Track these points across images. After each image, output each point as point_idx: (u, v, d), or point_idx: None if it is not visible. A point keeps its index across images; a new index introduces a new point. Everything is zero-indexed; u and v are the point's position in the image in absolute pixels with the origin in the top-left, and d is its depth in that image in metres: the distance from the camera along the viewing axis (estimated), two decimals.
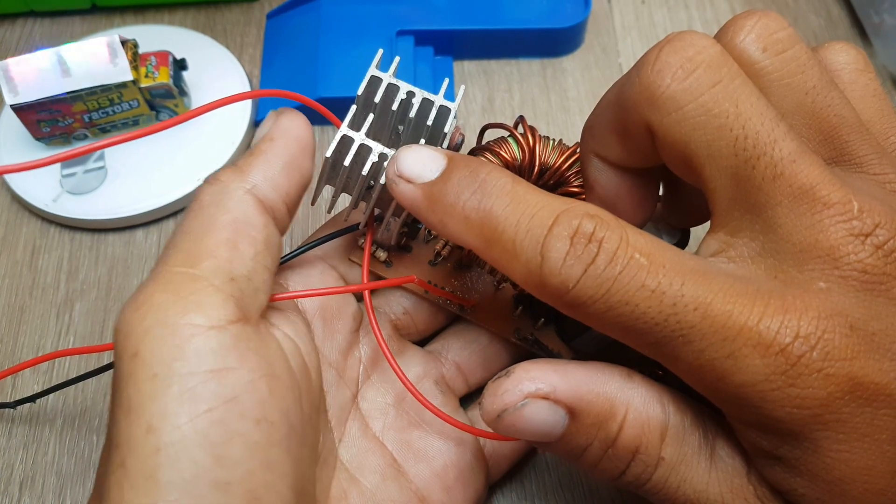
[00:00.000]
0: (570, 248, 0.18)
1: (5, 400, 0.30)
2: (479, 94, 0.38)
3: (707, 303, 0.17)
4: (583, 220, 0.18)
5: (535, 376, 0.19)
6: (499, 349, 0.29)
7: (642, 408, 0.19)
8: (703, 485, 0.19)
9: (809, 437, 0.17)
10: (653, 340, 0.17)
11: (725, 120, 0.18)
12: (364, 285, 0.25)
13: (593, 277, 0.17)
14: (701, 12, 0.41)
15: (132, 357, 0.18)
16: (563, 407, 0.19)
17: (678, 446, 0.19)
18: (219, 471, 0.18)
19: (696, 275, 0.17)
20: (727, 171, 0.18)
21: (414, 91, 0.24)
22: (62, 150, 0.34)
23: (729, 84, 0.18)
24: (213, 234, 0.20)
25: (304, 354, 0.22)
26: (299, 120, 0.23)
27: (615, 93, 0.20)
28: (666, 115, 0.18)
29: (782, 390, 0.16)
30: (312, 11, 0.38)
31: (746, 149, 0.18)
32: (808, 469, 0.17)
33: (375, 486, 0.24)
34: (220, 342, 0.19)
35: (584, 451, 0.19)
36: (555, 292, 0.18)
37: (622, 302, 0.17)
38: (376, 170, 0.23)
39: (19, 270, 0.33)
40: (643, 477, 0.19)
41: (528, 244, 0.18)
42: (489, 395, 0.19)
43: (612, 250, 0.17)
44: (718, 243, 0.19)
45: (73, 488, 0.29)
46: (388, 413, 0.26)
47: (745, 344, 0.16)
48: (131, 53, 0.33)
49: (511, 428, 0.19)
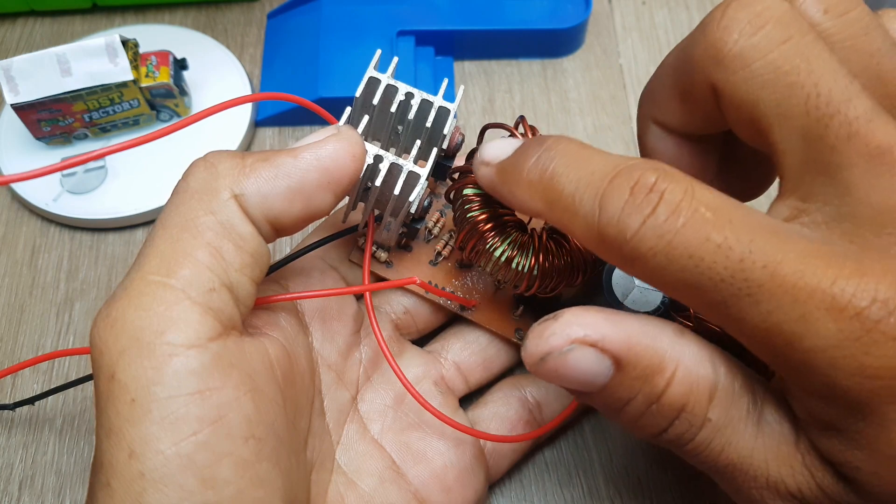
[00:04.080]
0: (629, 198, 0.17)
1: (4, 400, 0.30)
2: (480, 95, 0.38)
3: (777, 261, 0.16)
4: (645, 171, 0.17)
5: (584, 322, 0.18)
6: (499, 349, 0.29)
7: (693, 366, 0.18)
8: (748, 450, 0.18)
9: (877, 410, 0.16)
10: (717, 299, 0.16)
11: (797, 77, 0.17)
12: (365, 287, 0.25)
13: (653, 228, 0.16)
14: (701, 13, 0.41)
15: (109, 379, 0.18)
16: (610, 357, 0.18)
17: (726, 409, 0.18)
18: (207, 493, 0.17)
19: (766, 232, 0.16)
20: (798, 132, 0.17)
21: (413, 92, 0.24)
22: (62, 149, 0.34)
23: (800, 40, 0.17)
24: (192, 235, 0.19)
25: (291, 358, 0.22)
26: (345, 154, 0.21)
27: (677, 54, 0.20)
28: (733, 73, 0.18)
29: (854, 358, 0.15)
30: (313, 11, 0.38)
31: (819, 107, 0.17)
32: (869, 443, 0.16)
33: (373, 490, 0.24)
34: (201, 362, 0.18)
35: (626, 405, 0.18)
36: (613, 244, 0.17)
37: (685, 255, 0.16)
38: (373, 171, 0.23)
39: (19, 270, 0.33)
40: (686, 437, 0.18)
41: (588, 197, 0.17)
42: (534, 336, 0.18)
43: (675, 202, 0.16)
44: (789, 209, 0.18)
45: (72, 488, 0.29)
46: (387, 415, 0.26)
47: (816, 307, 0.15)
48: (132, 53, 0.33)
49: (553, 373, 0.18)
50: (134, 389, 0.17)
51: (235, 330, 0.20)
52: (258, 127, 0.37)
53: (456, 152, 0.25)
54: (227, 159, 0.20)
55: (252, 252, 0.20)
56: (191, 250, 0.19)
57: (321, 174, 0.20)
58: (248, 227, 0.20)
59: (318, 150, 0.21)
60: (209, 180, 0.20)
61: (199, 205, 0.20)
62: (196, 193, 0.20)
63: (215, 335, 0.19)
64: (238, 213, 0.20)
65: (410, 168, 0.23)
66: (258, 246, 0.20)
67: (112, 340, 0.18)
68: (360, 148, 0.21)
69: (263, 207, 0.20)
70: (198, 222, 0.19)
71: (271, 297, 0.23)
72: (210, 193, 0.20)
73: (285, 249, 0.34)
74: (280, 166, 0.20)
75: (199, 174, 0.20)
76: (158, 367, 0.18)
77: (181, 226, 0.19)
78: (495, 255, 0.24)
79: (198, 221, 0.19)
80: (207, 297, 0.19)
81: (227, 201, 0.20)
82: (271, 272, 0.25)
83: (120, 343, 0.18)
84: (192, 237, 0.19)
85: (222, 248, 0.19)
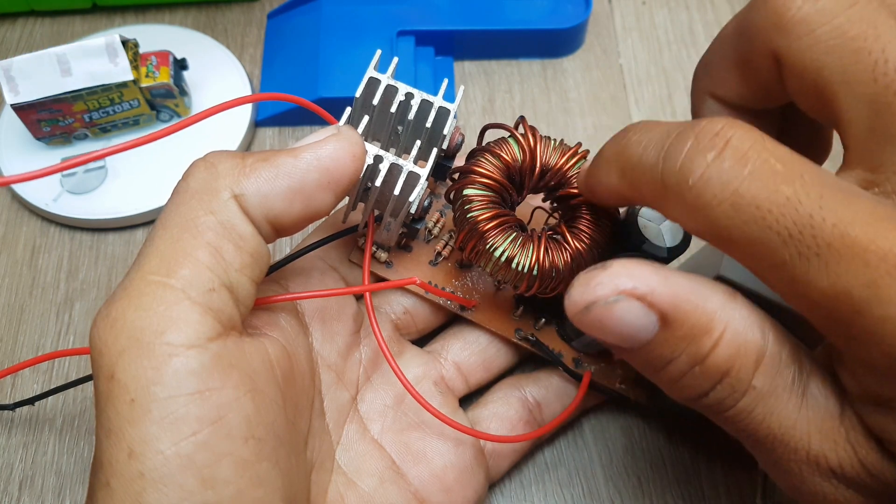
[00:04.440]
0: (692, 142, 0.16)
1: (4, 400, 0.30)
2: (480, 95, 0.38)
3: (848, 221, 0.15)
4: (712, 120, 0.16)
5: (634, 273, 0.17)
6: (498, 349, 0.29)
7: (742, 329, 0.17)
8: (791, 421, 0.17)
9: None
10: (781, 259, 0.15)
11: (864, 43, 0.16)
12: (365, 287, 0.25)
13: (719, 172, 0.16)
14: (702, 14, 0.41)
15: (109, 379, 0.18)
16: (657, 312, 0.17)
17: (772, 377, 0.17)
18: (207, 493, 0.17)
19: (837, 191, 0.15)
20: (865, 99, 0.17)
21: (413, 92, 0.24)
22: (63, 149, 0.34)
23: (866, 6, 0.17)
24: (192, 235, 0.19)
25: (291, 359, 0.22)
26: (345, 154, 0.21)
27: (736, 24, 0.19)
28: (796, 39, 0.17)
29: None
30: (313, 11, 0.38)
31: (888, 73, 0.16)
32: None
33: (373, 490, 0.24)
34: (200, 362, 0.18)
35: (669, 364, 0.18)
36: (676, 191, 0.16)
37: (752, 205, 0.15)
38: (373, 171, 0.23)
39: (19, 270, 0.33)
40: (727, 402, 0.18)
41: (653, 151, 0.17)
42: (579, 284, 0.18)
43: (743, 149, 0.16)
44: (857, 179, 0.17)
45: (72, 488, 0.29)
46: (387, 415, 0.26)
47: (889, 272, 0.15)
48: (132, 53, 0.33)
49: (596, 323, 0.18)
50: (133, 389, 0.17)
51: (235, 330, 0.20)
52: (258, 127, 0.37)
53: (456, 152, 0.25)
54: (227, 159, 0.20)
55: (252, 252, 0.20)
56: (191, 250, 0.19)
57: (321, 174, 0.20)
58: (248, 227, 0.20)
59: (318, 150, 0.21)
60: (209, 180, 0.20)
61: (200, 205, 0.20)
62: (196, 193, 0.20)
63: (215, 335, 0.19)
64: (238, 213, 0.20)
65: (410, 168, 0.23)
66: (258, 246, 0.20)
67: (112, 340, 0.18)
68: (360, 148, 0.21)
69: (263, 207, 0.20)
70: (198, 222, 0.19)
71: (271, 297, 0.23)
72: (210, 193, 0.20)
73: (285, 249, 0.34)
74: (280, 166, 0.20)
75: (199, 174, 0.20)
76: (158, 367, 0.18)
77: (181, 226, 0.19)
78: (495, 256, 0.24)
79: (198, 221, 0.19)
80: (207, 298, 0.19)
81: (228, 201, 0.20)
82: (271, 272, 0.25)
83: (119, 343, 0.18)
84: (193, 237, 0.19)
85: (222, 248, 0.19)
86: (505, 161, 0.24)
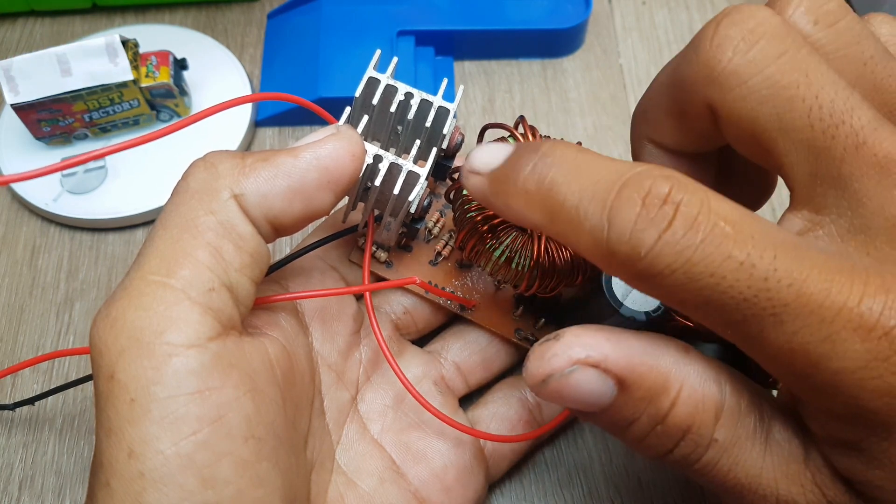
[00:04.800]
0: (641, 211, 0.16)
1: (4, 400, 0.30)
2: (480, 95, 0.38)
3: (802, 279, 0.15)
4: (656, 180, 0.16)
5: (586, 342, 0.17)
6: (498, 349, 0.28)
7: (698, 385, 0.17)
8: (757, 469, 0.17)
9: None
10: (738, 318, 0.16)
11: (796, 91, 0.17)
12: (365, 286, 0.25)
13: (670, 244, 0.15)
14: (702, 14, 0.41)
15: (109, 379, 0.18)
16: (613, 377, 0.17)
17: (733, 428, 0.17)
18: (207, 493, 0.17)
19: (789, 248, 0.15)
20: (803, 145, 0.17)
21: (412, 92, 0.24)
22: (62, 149, 0.34)
23: (796, 54, 0.17)
24: (192, 236, 0.19)
25: (291, 358, 0.22)
26: (345, 153, 0.21)
27: (669, 73, 0.19)
28: (729, 91, 0.17)
29: (883, 378, 0.15)
30: (313, 11, 0.38)
31: (823, 119, 0.16)
32: (893, 462, 0.16)
33: (373, 489, 0.24)
34: (200, 362, 0.18)
35: (631, 425, 0.18)
36: (625, 261, 0.16)
37: (706, 273, 0.15)
38: (373, 171, 0.23)
39: (19, 270, 0.33)
40: (692, 457, 0.18)
41: (594, 210, 0.16)
42: (535, 357, 0.18)
43: (693, 215, 0.15)
44: (803, 221, 0.17)
45: (72, 488, 0.29)
46: (387, 415, 0.26)
47: (844, 326, 0.15)
48: (132, 53, 0.33)
49: (555, 394, 0.18)
50: (133, 389, 0.18)
51: (235, 330, 0.20)
52: (258, 127, 0.37)
53: (456, 152, 0.25)
54: (226, 159, 0.20)
55: (252, 252, 0.20)
56: (191, 250, 0.19)
57: (321, 173, 0.20)
58: (248, 227, 0.20)
59: (317, 150, 0.21)
60: (209, 180, 0.20)
61: (199, 205, 0.20)
62: (196, 194, 0.20)
63: (215, 335, 0.19)
64: (238, 212, 0.20)
65: (410, 168, 0.23)
66: (258, 246, 0.20)
67: (112, 340, 0.18)
68: (359, 147, 0.21)
69: (263, 207, 0.20)
70: (198, 222, 0.19)
71: (271, 297, 0.23)
72: (210, 193, 0.20)
73: (285, 249, 0.34)
74: (280, 166, 0.20)
75: (198, 174, 0.20)
76: (158, 366, 0.18)
77: (181, 226, 0.19)
78: (495, 255, 0.24)
79: (198, 221, 0.19)
80: (207, 297, 0.19)
81: (227, 201, 0.20)
82: (271, 272, 0.25)
83: (119, 343, 0.18)
84: (192, 237, 0.19)
85: (222, 248, 0.19)
86: None
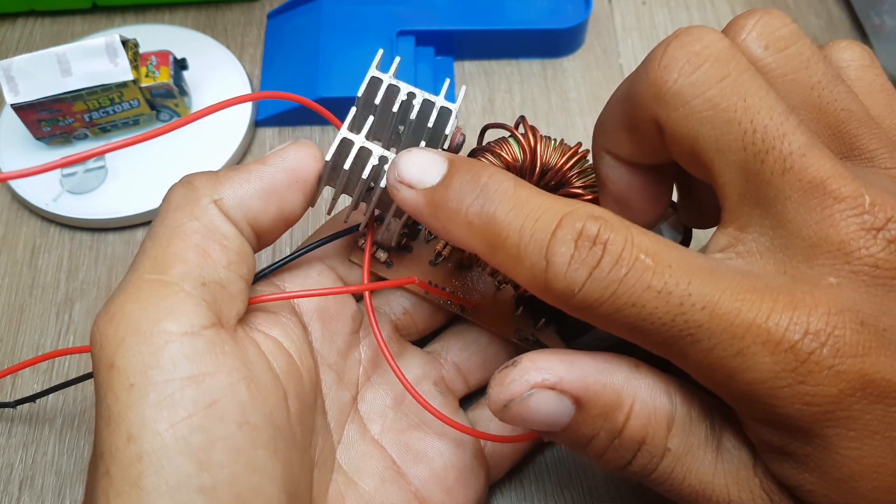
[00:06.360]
0: (574, 252, 0.17)
1: (5, 399, 0.30)
2: (480, 95, 0.38)
3: (714, 301, 0.17)
4: (587, 222, 0.18)
5: (541, 366, 0.19)
6: (498, 350, 0.29)
7: (649, 398, 0.19)
8: (709, 476, 0.19)
9: (820, 434, 0.17)
10: (661, 340, 0.17)
11: (733, 114, 0.18)
12: (365, 286, 0.25)
13: (599, 280, 0.17)
14: (702, 13, 0.41)
15: (109, 368, 0.19)
16: (570, 397, 0.19)
17: (684, 437, 0.19)
18: (203, 476, 0.18)
19: (703, 273, 0.17)
20: (736, 166, 0.18)
21: (415, 92, 0.24)
22: (62, 149, 0.34)
23: (737, 78, 0.18)
24: (181, 239, 0.20)
25: (293, 356, 0.22)
26: (306, 154, 0.23)
27: (624, 89, 0.20)
28: (673, 110, 0.18)
29: (792, 387, 0.16)
30: (313, 11, 0.38)
31: (755, 143, 0.17)
32: (817, 465, 0.17)
33: (374, 489, 0.24)
34: (195, 348, 0.19)
35: (591, 441, 0.19)
36: (561, 296, 0.18)
37: (629, 303, 0.17)
38: (376, 172, 0.23)
39: (19, 270, 0.33)
40: (649, 467, 0.19)
41: (533, 249, 0.18)
42: (495, 384, 0.19)
43: (618, 252, 0.17)
44: (728, 238, 0.19)
45: (72, 487, 0.29)
46: (388, 415, 0.26)
47: (753, 341, 0.16)
48: (132, 53, 0.33)
49: (517, 418, 0.19)
50: (132, 374, 0.18)
51: (230, 324, 0.21)
52: (258, 127, 0.37)
53: (457, 152, 0.25)
54: (201, 176, 0.22)
55: (237, 250, 0.21)
56: (181, 252, 0.20)
57: (289, 174, 0.22)
58: (231, 228, 0.21)
59: (282, 154, 0.23)
60: (188, 194, 0.21)
61: (183, 214, 0.21)
62: (179, 206, 0.21)
63: (209, 324, 0.20)
64: (219, 215, 0.21)
65: None
66: (242, 245, 0.22)
67: (111, 333, 0.19)
68: (318, 150, 0.23)
69: (242, 209, 0.22)
70: (184, 228, 0.21)
71: (269, 295, 0.23)
72: (191, 203, 0.21)
73: (285, 250, 0.34)
74: (251, 171, 0.22)
75: (178, 192, 0.22)
76: (155, 352, 0.18)
77: (169, 233, 0.21)
78: None
79: (184, 227, 0.21)
80: (201, 290, 0.20)
81: (208, 206, 0.21)
82: (271, 272, 0.25)
83: (119, 334, 0.19)
84: (181, 241, 0.20)
85: (209, 249, 0.21)
86: (505, 161, 0.24)
